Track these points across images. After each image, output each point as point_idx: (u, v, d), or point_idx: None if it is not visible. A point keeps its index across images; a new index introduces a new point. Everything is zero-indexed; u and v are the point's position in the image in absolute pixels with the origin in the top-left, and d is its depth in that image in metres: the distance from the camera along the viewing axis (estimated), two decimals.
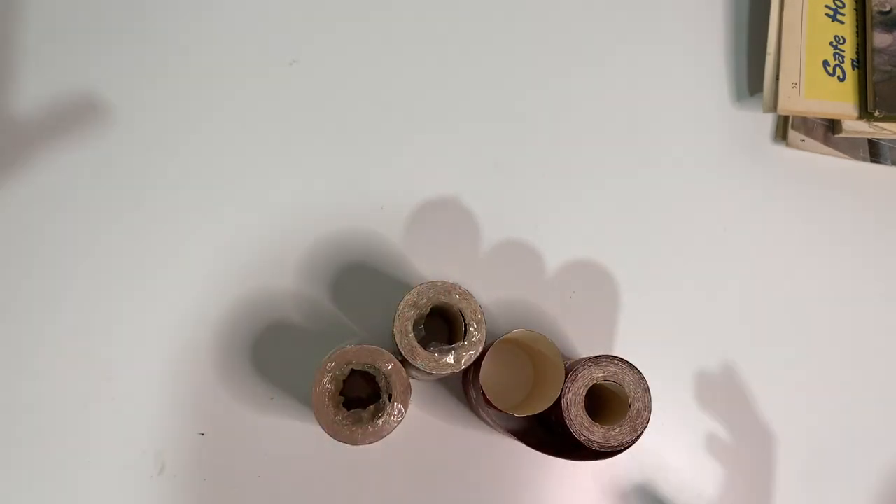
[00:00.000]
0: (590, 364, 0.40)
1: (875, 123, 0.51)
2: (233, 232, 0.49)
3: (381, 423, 0.40)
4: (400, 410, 0.40)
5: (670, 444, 0.49)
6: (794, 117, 0.53)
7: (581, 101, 0.53)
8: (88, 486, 0.46)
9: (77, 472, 0.46)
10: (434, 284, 0.41)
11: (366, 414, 0.40)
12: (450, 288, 0.41)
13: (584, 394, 0.40)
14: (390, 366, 0.40)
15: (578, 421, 0.40)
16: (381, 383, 0.41)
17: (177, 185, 0.50)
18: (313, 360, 0.47)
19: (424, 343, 0.42)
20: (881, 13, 0.51)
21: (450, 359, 0.41)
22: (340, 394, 0.41)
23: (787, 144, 0.53)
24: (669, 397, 0.49)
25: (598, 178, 0.52)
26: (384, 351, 0.40)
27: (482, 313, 0.42)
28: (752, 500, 0.48)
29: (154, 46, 0.52)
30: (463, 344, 0.41)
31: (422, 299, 0.41)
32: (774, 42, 0.52)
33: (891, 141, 0.53)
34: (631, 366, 0.40)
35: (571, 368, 0.41)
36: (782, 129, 0.54)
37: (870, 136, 0.52)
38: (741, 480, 0.48)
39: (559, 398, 0.40)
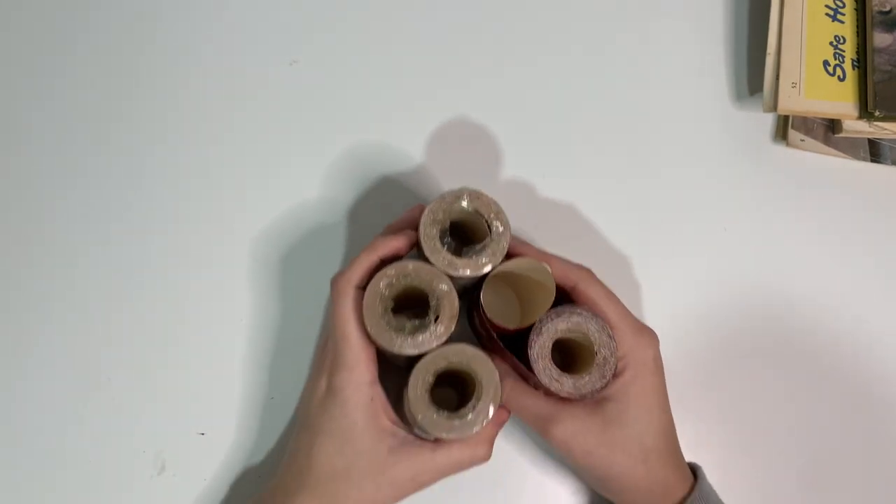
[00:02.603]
0: (553, 316, 0.40)
1: (875, 123, 0.51)
2: (231, 230, 0.49)
3: (420, 338, 0.39)
4: (441, 334, 0.40)
5: None
6: (794, 117, 0.53)
7: (580, 101, 0.53)
8: (88, 485, 0.46)
9: (77, 472, 0.46)
10: (441, 197, 0.41)
11: (409, 325, 0.40)
12: (457, 194, 0.41)
13: (551, 346, 0.40)
14: (445, 287, 0.40)
15: (547, 373, 0.40)
16: (432, 303, 0.40)
17: (173, 186, 0.50)
18: (313, 358, 0.47)
19: (457, 252, 0.41)
20: (881, 13, 0.51)
21: (484, 258, 0.41)
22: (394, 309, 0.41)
23: (787, 144, 0.53)
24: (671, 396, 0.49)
25: (597, 177, 0.52)
26: (443, 275, 0.40)
27: (498, 206, 0.41)
28: (750, 500, 0.48)
29: (153, 46, 0.52)
30: (490, 239, 0.41)
31: (438, 215, 0.41)
32: (774, 42, 0.52)
33: (891, 141, 0.53)
34: (594, 314, 0.41)
35: (536, 323, 0.41)
36: (782, 129, 0.54)
37: (870, 136, 0.52)
38: (739, 478, 0.48)
39: (527, 349, 0.40)
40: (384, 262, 0.40)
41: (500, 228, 0.41)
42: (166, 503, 0.46)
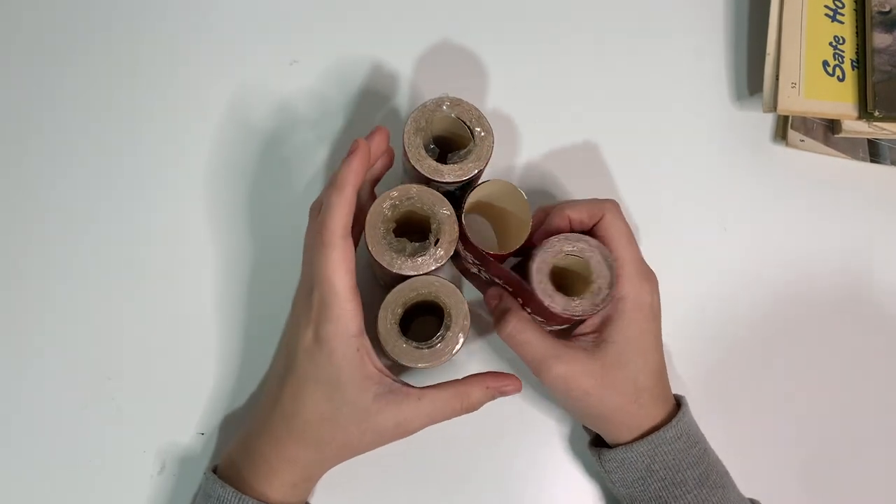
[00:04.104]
0: (561, 238, 0.41)
1: (875, 123, 0.51)
2: (229, 238, 0.50)
3: (420, 261, 0.40)
4: (441, 257, 0.40)
5: None
6: (793, 117, 0.53)
7: (580, 101, 0.53)
8: (89, 485, 0.46)
9: (77, 472, 0.46)
10: (423, 105, 0.41)
11: (409, 247, 0.41)
12: (439, 101, 0.41)
13: (552, 263, 0.40)
14: (447, 212, 0.41)
15: (542, 287, 0.40)
16: (433, 226, 0.41)
17: (165, 191, 0.50)
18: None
19: (442, 160, 0.42)
20: (881, 13, 0.51)
21: (469, 163, 0.41)
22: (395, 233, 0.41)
23: (787, 144, 0.53)
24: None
25: (596, 177, 0.52)
26: (445, 199, 0.41)
27: (479, 111, 0.42)
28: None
29: (153, 46, 0.52)
30: (474, 143, 0.41)
31: (420, 123, 0.41)
32: (774, 42, 0.52)
33: (890, 141, 0.53)
34: (601, 245, 0.41)
35: (543, 242, 0.41)
36: (782, 129, 0.54)
37: (869, 136, 0.53)
38: (740, 473, 0.48)
39: (528, 264, 0.40)
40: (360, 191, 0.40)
41: (482, 133, 0.42)
42: (166, 503, 0.46)
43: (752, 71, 0.55)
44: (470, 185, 0.42)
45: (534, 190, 0.52)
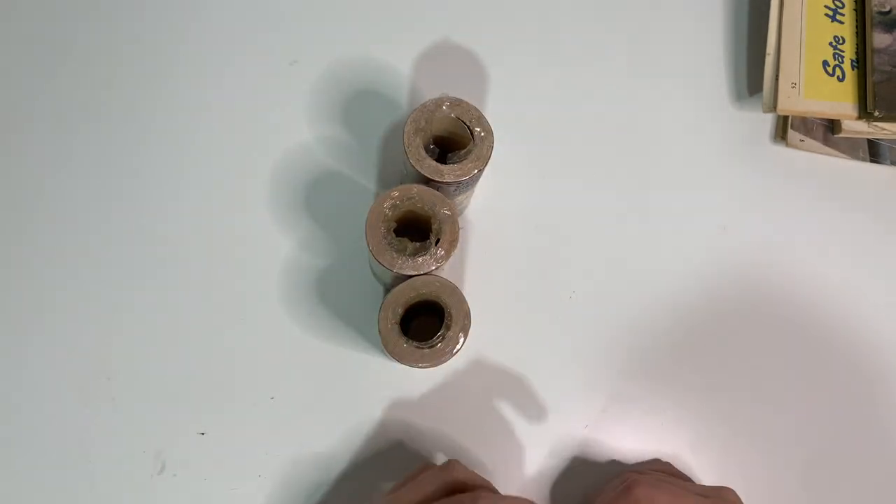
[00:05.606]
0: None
1: (875, 123, 0.51)
2: (224, 248, 0.50)
3: (420, 260, 0.40)
4: (441, 257, 0.40)
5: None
6: (793, 117, 0.53)
7: (580, 100, 0.53)
8: (88, 485, 0.46)
9: (77, 472, 0.46)
10: (423, 105, 0.41)
11: (410, 247, 0.41)
12: (438, 102, 0.42)
13: None
14: (448, 212, 0.41)
15: None
16: (434, 226, 0.41)
17: (165, 191, 0.50)
18: (312, 360, 0.48)
19: (441, 160, 0.42)
20: (881, 13, 0.51)
21: (469, 163, 0.41)
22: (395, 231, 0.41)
23: (787, 144, 0.53)
24: (673, 398, 0.49)
25: (596, 177, 0.52)
26: (448, 200, 0.41)
27: (479, 111, 0.42)
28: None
29: (153, 46, 0.52)
30: (474, 144, 0.42)
31: (420, 123, 0.41)
32: (774, 42, 0.52)
33: (890, 141, 0.53)
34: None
35: None
36: (782, 129, 0.54)
37: (869, 137, 0.53)
38: (740, 478, 0.48)
39: None
40: None
41: (482, 133, 0.42)
42: (166, 503, 0.46)
43: (752, 71, 0.55)
44: (469, 184, 0.42)
45: (532, 186, 0.52)
